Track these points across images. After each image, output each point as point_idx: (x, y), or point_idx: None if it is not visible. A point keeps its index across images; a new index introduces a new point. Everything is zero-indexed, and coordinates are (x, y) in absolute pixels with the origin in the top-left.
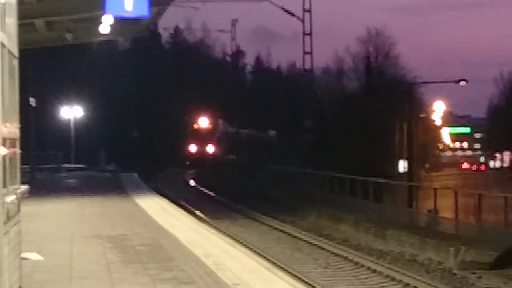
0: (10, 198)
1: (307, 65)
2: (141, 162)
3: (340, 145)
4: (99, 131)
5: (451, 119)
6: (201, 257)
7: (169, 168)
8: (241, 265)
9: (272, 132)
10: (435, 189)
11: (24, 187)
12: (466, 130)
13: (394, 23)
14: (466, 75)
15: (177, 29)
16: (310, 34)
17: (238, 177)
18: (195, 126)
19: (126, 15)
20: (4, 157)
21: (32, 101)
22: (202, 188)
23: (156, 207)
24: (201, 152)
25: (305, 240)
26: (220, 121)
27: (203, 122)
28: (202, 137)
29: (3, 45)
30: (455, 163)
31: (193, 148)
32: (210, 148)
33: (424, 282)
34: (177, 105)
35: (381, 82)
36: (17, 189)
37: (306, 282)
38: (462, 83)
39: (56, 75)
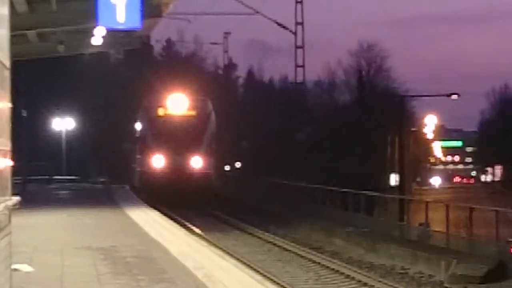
0: (1, 209)
1: (299, 78)
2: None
3: (332, 158)
4: (90, 143)
5: (443, 133)
6: (193, 269)
7: None
8: (232, 277)
9: None
10: (427, 202)
11: (15, 199)
12: (458, 144)
13: (387, 36)
14: (459, 89)
15: (169, 41)
16: (302, 47)
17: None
18: (161, 112)
19: (118, 27)
20: None
21: (24, 113)
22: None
23: (147, 219)
24: (178, 171)
25: (296, 253)
26: (210, 104)
27: (179, 103)
28: (176, 137)
29: None
30: (447, 176)
31: (158, 161)
32: (197, 162)
33: None
34: None
35: (373, 95)
36: (8, 200)
37: None
38: (454, 96)
39: (48, 86)
